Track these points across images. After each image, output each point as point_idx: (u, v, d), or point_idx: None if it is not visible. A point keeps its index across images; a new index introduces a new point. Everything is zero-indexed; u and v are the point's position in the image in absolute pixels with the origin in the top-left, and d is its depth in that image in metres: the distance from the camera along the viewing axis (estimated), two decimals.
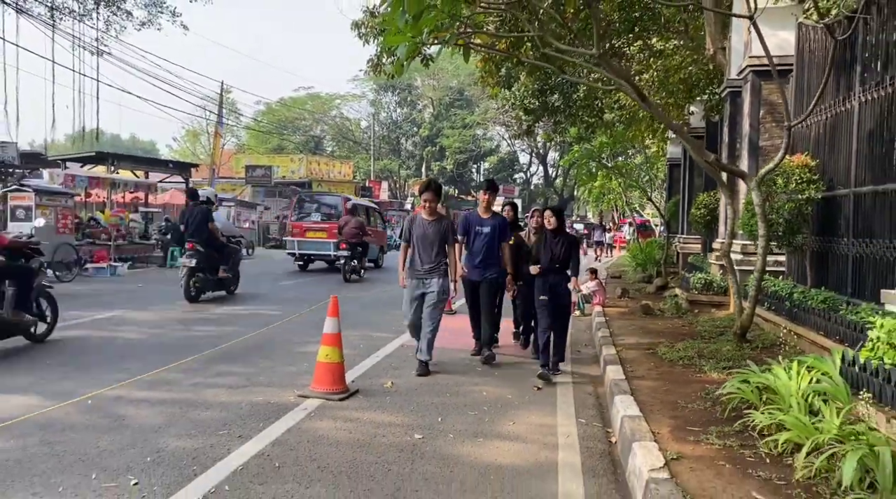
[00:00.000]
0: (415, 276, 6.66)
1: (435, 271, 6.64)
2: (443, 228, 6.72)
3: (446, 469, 4.09)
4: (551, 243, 6.74)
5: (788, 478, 3.67)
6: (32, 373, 6.13)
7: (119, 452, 4.16)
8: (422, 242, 6.66)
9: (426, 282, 6.62)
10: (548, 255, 6.70)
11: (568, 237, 6.88)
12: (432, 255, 6.64)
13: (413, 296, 6.64)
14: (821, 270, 8.12)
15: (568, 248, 6.73)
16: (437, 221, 6.74)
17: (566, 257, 6.71)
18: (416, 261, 6.68)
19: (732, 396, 4.89)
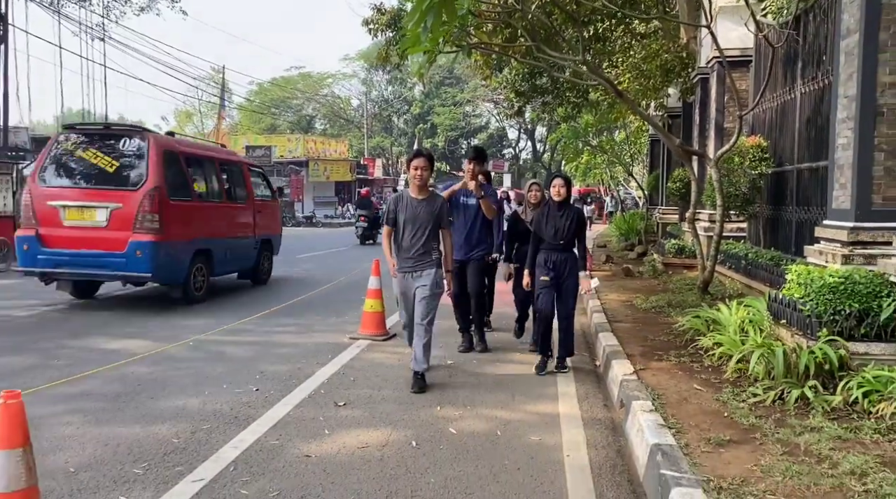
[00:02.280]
0: (401, 268, 5.48)
1: (426, 261, 5.44)
2: (436, 208, 5.51)
3: (474, 378, 5.62)
4: (555, 217, 5.86)
5: (721, 378, 5.19)
6: (133, 324, 7.56)
7: (233, 373, 5.63)
8: (411, 226, 5.42)
9: (416, 274, 5.43)
10: (551, 229, 5.83)
11: (574, 210, 6.03)
12: (423, 240, 5.42)
13: (402, 292, 5.52)
14: (773, 233, 9.64)
15: (574, 222, 5.88)
16: (428, 199, 5.52)
17: (573, 233, 5.88)
18: (402, 249, 5.46)
19: (687, 328, 6.42)
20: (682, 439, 3.87)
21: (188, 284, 9.01)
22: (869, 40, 5.93)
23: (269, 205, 11.91)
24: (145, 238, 8.22)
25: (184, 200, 9.05)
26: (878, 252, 5.64)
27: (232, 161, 11.30)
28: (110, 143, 8.80)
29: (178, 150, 9.41)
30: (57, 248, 8.36)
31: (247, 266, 11.02)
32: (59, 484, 3.40)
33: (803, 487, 3.21)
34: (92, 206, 8.38)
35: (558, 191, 5.89)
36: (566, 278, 5.90)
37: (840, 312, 5.08)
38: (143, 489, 3.40)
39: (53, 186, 8.57)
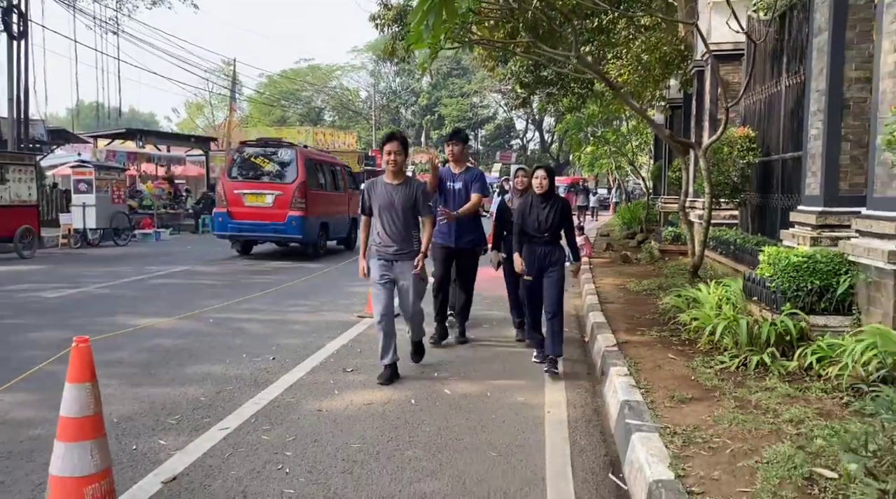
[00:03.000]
0: (381, 255, 5.24)
1: (407, 251, 5.23)
2: (412, 192, 5.22)
3: (471, 352, 6.16)
4: (538, 208, 5.57)
5: (694, 349, 5.69)
6: (153, 302, 8.15)
7: (250, 345, 6.19)
8: (387, 213, 5.17)
9: (397, 263, 5.21)
10: (534, 222, 5.55)
11: (558, 200, 5.72)
12: (401, 228, 5.19)
13: (379, 278, 5.22)
14: (761, 220, 10.11)
15: (558, 213, 5.59)
16: (403, 184, 5.23)
17: (557, 225, 5.61)
18: (380, 238, 5.24)
19: (670, 306, 6.93)
20: (649, 397, 4.39)
21: (317, 245, 13.66)
22: (837, 38, 6.39)
23: (355, 194, 15.67)
24: (297, 214, 12.76)
25: (315, 190, 13.54)
26: (843, 235, 6.11)
27: (336, 163, 16.20)
28: (272, 152, 13.46)
29: (312, 157, 14.30)
30: (240, 220, 12.84)
31: (343, 236, 15.52)
32: (107, 430, 3.95)
33: (745, 431, 3.72)
34: (263, 193, 12.95)
35: (541, 183, 5.56)
36: (551, 273, 5.58)
37: (802, 288, 5.58)
38: (177, 435, 3.96)
39: (238, 180, 13.12)
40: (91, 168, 15.51)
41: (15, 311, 7.65)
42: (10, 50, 16.89)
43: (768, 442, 3.53)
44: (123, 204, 16.24)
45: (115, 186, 15.88)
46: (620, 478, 3.61)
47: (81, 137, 24.83)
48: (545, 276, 5.60)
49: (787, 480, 3.10)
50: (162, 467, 3.51)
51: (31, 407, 4.43)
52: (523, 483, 3.45)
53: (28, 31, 17.27)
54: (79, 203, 14.88)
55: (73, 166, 16.20)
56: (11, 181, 12.64)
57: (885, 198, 5.20)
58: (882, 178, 5.26)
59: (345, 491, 3.29)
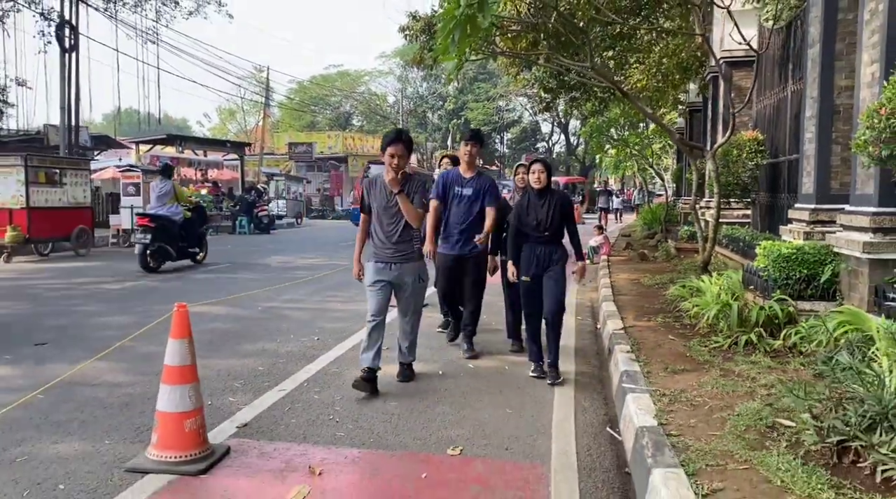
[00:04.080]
0: (378, 257, 4.95)
1: (406, 252, 4.94)
2: (410, 190, 4.91)
3: (493, 336, 6.84)
4: (536, 206, 5.21)
5: (693, 332, 6.32)
6: (204, 293, 8.98)
7: (295, 328, 6.96)
8: (386, 214, 4.92)
9: (395, 266, 4.91)
10: (533, 221, 5.19)
11: (557, 196, 5.32)
12: (399, 230, 4.89)
13: (375, 280, 4.91)
14: (770, 218, 10.65)
15: (558, 210, 5.21)
16: (403, 183, 4.92)
17: (558, 222, 5.23)
18: (378, 239, 4.97)
19: (675, 296, 7.56)
20: (646, 368, 5.05)
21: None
22: (827, 50, 6.99)
23: None
24: None
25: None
26: (832, 229, 6.69)
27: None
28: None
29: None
30: None
31: None
32: None
33: (724, 393, 4.37)
34: None
35: (538, 177, 5.21)
36: (551, 272, 5.20)
37: (792, 276, 6.20)
38: (243, 394, 4.72)
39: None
40: (139, 172, 16.54)
41: (85, 300, 8.55)
42: (62, 62, 17.98)
43: (742, 401, 4.18)
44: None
45: None
46: (616, 431, 4.29)
47: (123, 142, 25.96)
48: (545, 275, 5.20)
49: (752, 427, 3.75)
50: (234, 417, 4.27)
51: (119, 373, 5.23)
52: (532, 431, 4.15)
53: (78, 45, 18.37)
54: (127, 205, 15.89)
55: (122, 170, 17.26)
56: (69, 185, 13.66)
57: (863, 195, 5.80)
58: (861, 177, 5.86)
59: (385, 435, 4.02)
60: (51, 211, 13.23)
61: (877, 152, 4.92)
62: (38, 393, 4.65)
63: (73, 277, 10.63)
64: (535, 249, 5.27)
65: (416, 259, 5.02)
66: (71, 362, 5.45)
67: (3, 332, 6.70)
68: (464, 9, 4.87)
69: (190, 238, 11.88)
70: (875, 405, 3.27)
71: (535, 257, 5.25)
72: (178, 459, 3.42)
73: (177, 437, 3.45)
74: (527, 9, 10.83)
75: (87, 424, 4.11)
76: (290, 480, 3.37)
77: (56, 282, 10.13)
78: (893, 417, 3.22)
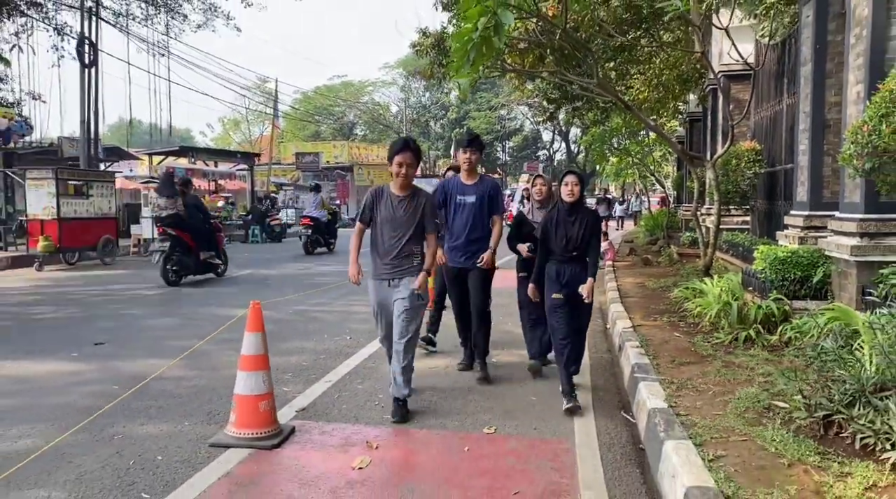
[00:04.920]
0: (378, 274, 4.76)
1: (406, 267, 4.70)
2: (419, 206, 4.74)
3: (508, 336, 7.39)
4: (566, 222, 4.94)
5: (696, 329, 6.86)
6: (236, 297, 9.53)
7: (328, 329, 7.51)
8: (389, 227, 4.72)
9: (394, 283, 4.70)
10: (562, 239, 4.94)
11: (588, 215, 5.05)
12: (403, 244, 4.70)
13: (379, 301, 4.79)
14: (768, 224, 11.21)
15: (589, 228, 4.95)
16: (410, 196, 4.76)
17: (587, 242, 4.95)
18: (380, 253, 4.75)
19: (680, 298, 8.11)
20: (655, 361, 5.59)
21: None
22: (818, 68, 7.57)
23: None
24: None
25: None
26: (823, 234, 7.25)
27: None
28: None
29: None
30: None
31: None
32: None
33: (726, 380, 4.92)
34: None
35: (571, 190, 4.92)
36: (579, 295, 4.90)
37: (787, 278, 6.76)
38: (294, 385, 5.28)
39: None
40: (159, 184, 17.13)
41: (126, 304, 9.11)
42: (81, 77, 18.58)
43: (741, 387, 4.72)
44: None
45: None
46: (630, 415, 4.83)
47: (136, 154, 26.52)
48: (578, 301, 4.93)
49: (751, 408, 4.29)
50: (292, 403, 4.82)
51: (179, 368, 5.76)
52: (555, 414, 4.70)
53: (97, 60, 18.97)
54: (148, 215, 16.46)
55: (143, 182, 17.87)
56: (95, 196, 14.24)
57: (851, 203, 6.36)
58: (849, 187, 6.42)
59: (426, 418, 4.58)
60: (79, 221, 13.82)
61: (861, 165, 5.48)
62: (114, 386, 5.21)
63: (107, 284, 11.20)
64: (564, 267, 4.98)
65: (414, 274, 4.68)
66: (131, 359, 6.01)
67: (62, 333, 7.26)
68: (481, 31, 5.44)
69: (330, 233, 18.36)
70: (855, 384, 3.82)
71: (564, 276, 4.97)
72: (254, 435, 3.97)
73: (253, 416, 3.99)
74: (535, 26, 11.42)
75: (165, 410, 4.66)
76: (351, 452, 3.92)
77: (93, 289, 10.69)
78: (871, 394, 3.76)
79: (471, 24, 5.18)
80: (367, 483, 3.52)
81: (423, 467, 3.81)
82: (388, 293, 4.72)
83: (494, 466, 3.80)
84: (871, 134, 5.23)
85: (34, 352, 6.34)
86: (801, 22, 8.16)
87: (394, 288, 4.68)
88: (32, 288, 10.97)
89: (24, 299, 9.73)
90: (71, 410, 4.64)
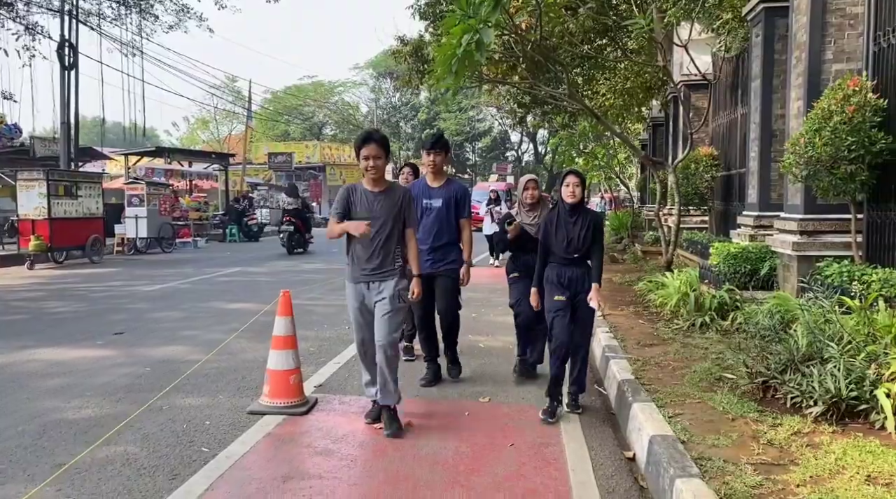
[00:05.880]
0: (357, 277, 4.46)
1: (387, 270, 4.43)
2: (397, 201, 4.46)
3: (492, 327, 8.13)
4: (567, 224, 4.75)
5: (659, 317, 7.69)
6: (232, 293, 10.12)
7: (325, 320, 8.17)
8: None
9: (374, 285, 4.42)
10: (563, 241, 4.75)
11: (590, 215, 4.87)
12: (382, 243, 4.39)
13: (357, 307, 4.50)
14: (724, 223, 12.15)
15: (590, 230, 4.75)
16: (387, 192, 4.46)
17: (589, 243, 4.76)
18: (355, 254, 4.46)
19: (644, 290, 8.95)
20: (623, 343, 6.38)
21: None
22: (766, 83, 8.47)
23: None
24: None
25: None
26: (770, 233, 8.14)
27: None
28: None
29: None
30: None
31: None
32: (257, 377, 5.94)
33: (684, 358, 5.72)
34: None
35: (572, 191, 4.73)
36: (581, 300, 4.77)
37: (738, 271, 7.62)
38: (307, 366, 5.93)
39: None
40: (143, 184, 17.56)
41: (129, 299, 9.66)
42: (62, 79, 18.86)
43: (697, 363, 5.52)
44: (169, 216, 18.27)
45: (161, 199, 17.92)
46: (602, 388, 5.60)
47: (112, 155, 26.71)
48: (579, 305, 4.77)
49: (704, 379, 5.09)
50: (308, 381, 5.48)
51: (199, 353, 6.37)
52: (541, 389, 5.44)
53: (78, 63, 19.26)
54: (132, 215, 16.88)
55: (126, 183, 18.25)
56: (83, 197, 14.64)
57: (793, 205, 7.24)
58: (791, 191, 7.30)
59: (430, 391, 5.29)
60: (69, 221, 14.23)
61: (799, 172, 6.36)
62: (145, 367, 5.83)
63: (102, 281, 11.68)
64: (565, 270, 4.78)
65: (396, 276, 4.43)
66: (153, 347, 6.63)
67: (79, 325, 7.82)
68: (464, 47, 6.16)
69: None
70: (787, 356, 4.64)
71: (565, 278, 4.77)
72: (286, 404, 4.65)
73: (284, 388, 4.67)
74: (509, 38, 12.19)
75: (199, 386, 5.31)
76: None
77: (92, 286, 11.17)
78: (800, 363, 4.58)
79: (455, 40, 5.87)
80: (386, 438, 4.23)
81: (431, 426, 4.52)
82: (366, 296, 4.44)
83: (491, 425, 4.53)
84: (807, 146, 6.11)
85: (60, 341, 6.91)
86: (752, 41, 9.07)
87: (374, 291, 4.41)
88: (31, 285, 11.42)
89: (29, 295, 10.20)
90: (114, 387, 5.26)
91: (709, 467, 3.41)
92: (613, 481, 3.72)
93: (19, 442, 4.11)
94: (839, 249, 6.66)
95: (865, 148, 5.79)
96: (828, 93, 6.16)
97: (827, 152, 5.91)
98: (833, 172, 5.98)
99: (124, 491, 3.44)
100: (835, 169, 5.95)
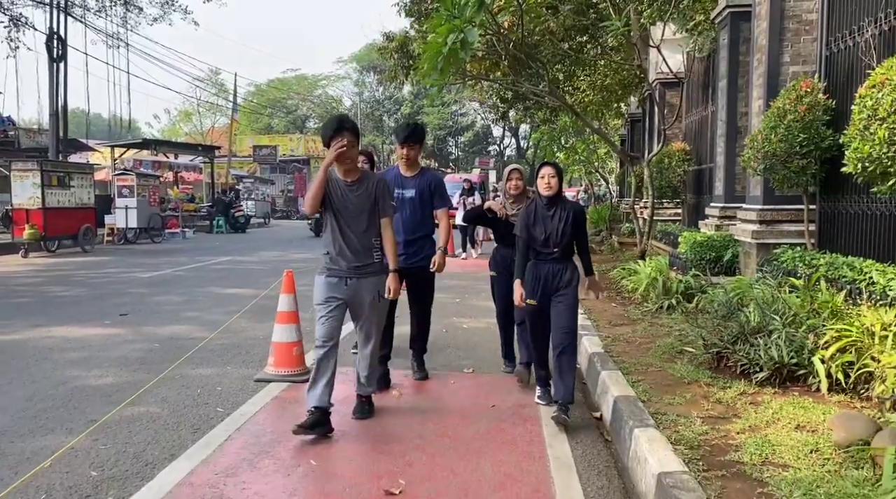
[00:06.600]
0: (332, 272, 4.22)
1: (364, 266, 4.20)
2: (372, 189, 4.22)
3: (475, 311, 8.65)
4: (544, 217, 4.51)
5: (630, 301, 8.25)
6: (228, 280, 10.55)
7: None
8: (342, 217, 4.16)
9: (350, 284, 4.19)
10: (541, 234, 4.49)
11: (569, 207, 4.58)
12: (359, 235, 4.18)
13: (326, 298, 4.24)
14: (696, 215, 12.75)
15: (570, 223, 4.49)
16: (359, 181, 4.20)
17: (570, 237, 4.52)
18: (332, 247, 4.21)
19: (617, 277, 9.52)
20: (595, 323, 6.93)
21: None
22: (732, 83, 9.05)
23: None
24: None
25: None
26: (734, 223, 8.73)
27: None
28: None
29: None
30: None
31: None
32: (259, 352, 6.42)
33: (650, 335, 6.28)
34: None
35: (548, 183, 4.52)
36: (560, 297, 4.50)
37: (703, 258, 8.20)
38: (306, 342, 6.41)
39: None
40: (132, 175, 17.87)
41: (128, 284, 10.07)
42: (51, 71, 19.08)
43: (662, 339, 6.09)
44: (158, 207, 18.60)
45: (151, 191, 18.24)
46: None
47: (96, 147, 26.85)
48: (553, 300, 4.51)
49: (666, 353, 5.65)
50: (307, 354, 5.96)
51: (204, 332, 6.83)
52: None
53: (66, 55, 19.48)
54: (122, 205, 17.19)
55: (116, 174, 18.55)
56: (76, 187, 14.97)
57: (754, 196, 7.82)
58: (752, 183, 7.88)
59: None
60: (62, 211, 14.55)
61: (757, 166, 6.93)
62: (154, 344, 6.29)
63: (98, 269, 12.06)
64: (542, 267, 4.53)
65: (376, 273, 4.23)
66: (158, 326, 7.08)
67: (83, 308, 8.25)
68: (450, 45, 6.61)
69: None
70: (738, 329, 5.20)
71: (541, 278, 4.52)
72: (290, 372, 5.14)
73: (288, 358, 5.16)
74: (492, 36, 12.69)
75: (207, 360, 5.78)
76: None
77: (89, 272, 11.57)
78: (749, 335, 5.14)
79: (441, 39, 6.29)
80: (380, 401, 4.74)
81: (420, 392, 5.05)
82: (340, 292, 4.19)
83: (475, 392, 5.06)
84: (764, 141, 6.68)
85: (70, 321, 7.34)
86: (719, 43, 9.64)
87: (351, 290, 4.17)
88: (28, 272, 11.78)
89: (29, 281, 10.58)
90: (128, 360, 5.73)
91: (663, 419, 3.96)
92: (582, 433, 4.26)
93: (52, 403, 4.58)
94: (794, 236, 7.24)
95: (815, 144, 6.36)
96: (783, 93, 6.73)
97: (781, 148, 6.48)
98: (787, 165, 6.54)
99: (153, 441, 3.92)
100: (789, 163, 6.51)
